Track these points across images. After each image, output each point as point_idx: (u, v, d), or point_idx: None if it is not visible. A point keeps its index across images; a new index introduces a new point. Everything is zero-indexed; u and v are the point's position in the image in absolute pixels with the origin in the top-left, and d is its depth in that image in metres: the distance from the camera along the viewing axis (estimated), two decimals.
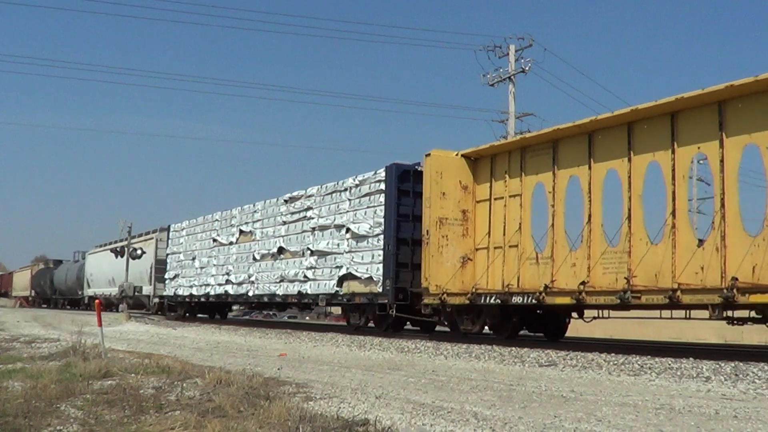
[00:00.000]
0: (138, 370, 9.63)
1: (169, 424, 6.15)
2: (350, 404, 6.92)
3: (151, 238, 34.71)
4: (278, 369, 10.00)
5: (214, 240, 26.95)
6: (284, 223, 22.20)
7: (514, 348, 13.15)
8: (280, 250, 22.16)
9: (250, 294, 23.85)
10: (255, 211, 24.29)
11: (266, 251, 22.99)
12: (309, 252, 20.50)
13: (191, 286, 28.62)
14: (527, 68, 32.87)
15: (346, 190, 19.19)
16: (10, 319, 29.54)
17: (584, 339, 17.26)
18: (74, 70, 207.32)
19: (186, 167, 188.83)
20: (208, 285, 27.00)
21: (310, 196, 21.00)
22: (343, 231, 19.01)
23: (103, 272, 42.12)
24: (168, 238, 32.14)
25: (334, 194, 19.78)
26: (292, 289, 21.16)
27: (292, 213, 21.81)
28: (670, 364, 10.19)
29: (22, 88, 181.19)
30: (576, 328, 17.34)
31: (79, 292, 47.92)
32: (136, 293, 35.66)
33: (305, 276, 20.51)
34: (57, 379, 8.76)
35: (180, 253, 30.44)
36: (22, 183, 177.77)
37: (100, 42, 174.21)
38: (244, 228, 24.83)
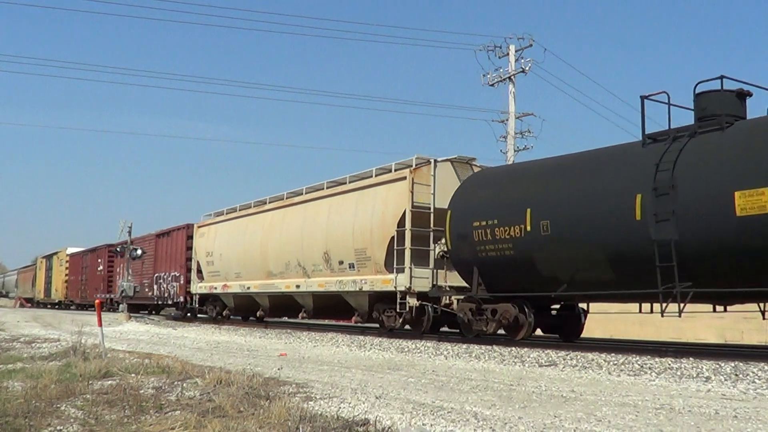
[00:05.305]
0: (138, 370, 9.64)
1: (169, 424, 6.15)
2: (350, 404, 6.92)
3: None
4: (278, 369, 10.01)
5: None
6: None
7: (514, 348, 13.14)
8: None
9: None
10: None
11: None
12: None
13: None
14: (527, 68, 32.85)
15: None
16: (10, 319, 29.52)
17: (584, 339, 17.22)
18: (74, 70, 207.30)
19: (186, 167, 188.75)
20: None
21: None
22: None
23: None
24: None
25: None
26: None
27: None
28: (670, 364, 10.19)
29: (22, 88, 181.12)
30: None
31: None
32: None
33: None
34: (57, 379, 8.77)
35: None
36: (22, 183, 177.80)
37: (100, 42, 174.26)
38: None
